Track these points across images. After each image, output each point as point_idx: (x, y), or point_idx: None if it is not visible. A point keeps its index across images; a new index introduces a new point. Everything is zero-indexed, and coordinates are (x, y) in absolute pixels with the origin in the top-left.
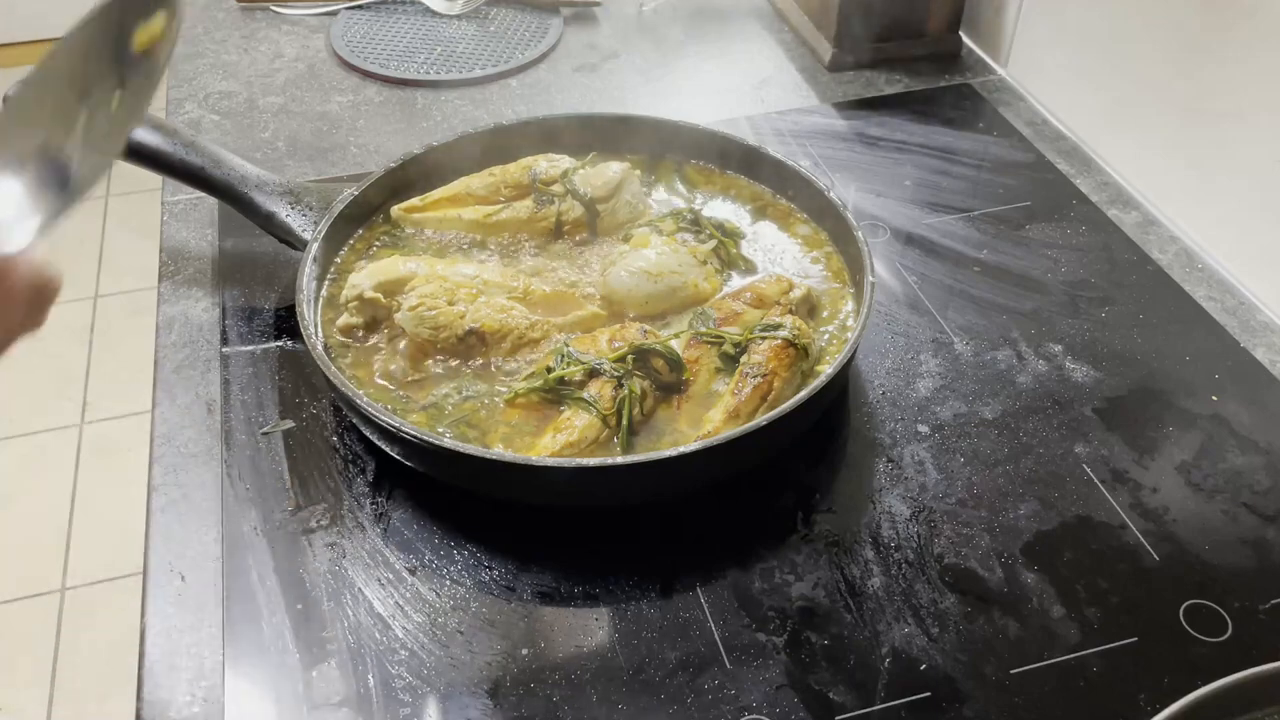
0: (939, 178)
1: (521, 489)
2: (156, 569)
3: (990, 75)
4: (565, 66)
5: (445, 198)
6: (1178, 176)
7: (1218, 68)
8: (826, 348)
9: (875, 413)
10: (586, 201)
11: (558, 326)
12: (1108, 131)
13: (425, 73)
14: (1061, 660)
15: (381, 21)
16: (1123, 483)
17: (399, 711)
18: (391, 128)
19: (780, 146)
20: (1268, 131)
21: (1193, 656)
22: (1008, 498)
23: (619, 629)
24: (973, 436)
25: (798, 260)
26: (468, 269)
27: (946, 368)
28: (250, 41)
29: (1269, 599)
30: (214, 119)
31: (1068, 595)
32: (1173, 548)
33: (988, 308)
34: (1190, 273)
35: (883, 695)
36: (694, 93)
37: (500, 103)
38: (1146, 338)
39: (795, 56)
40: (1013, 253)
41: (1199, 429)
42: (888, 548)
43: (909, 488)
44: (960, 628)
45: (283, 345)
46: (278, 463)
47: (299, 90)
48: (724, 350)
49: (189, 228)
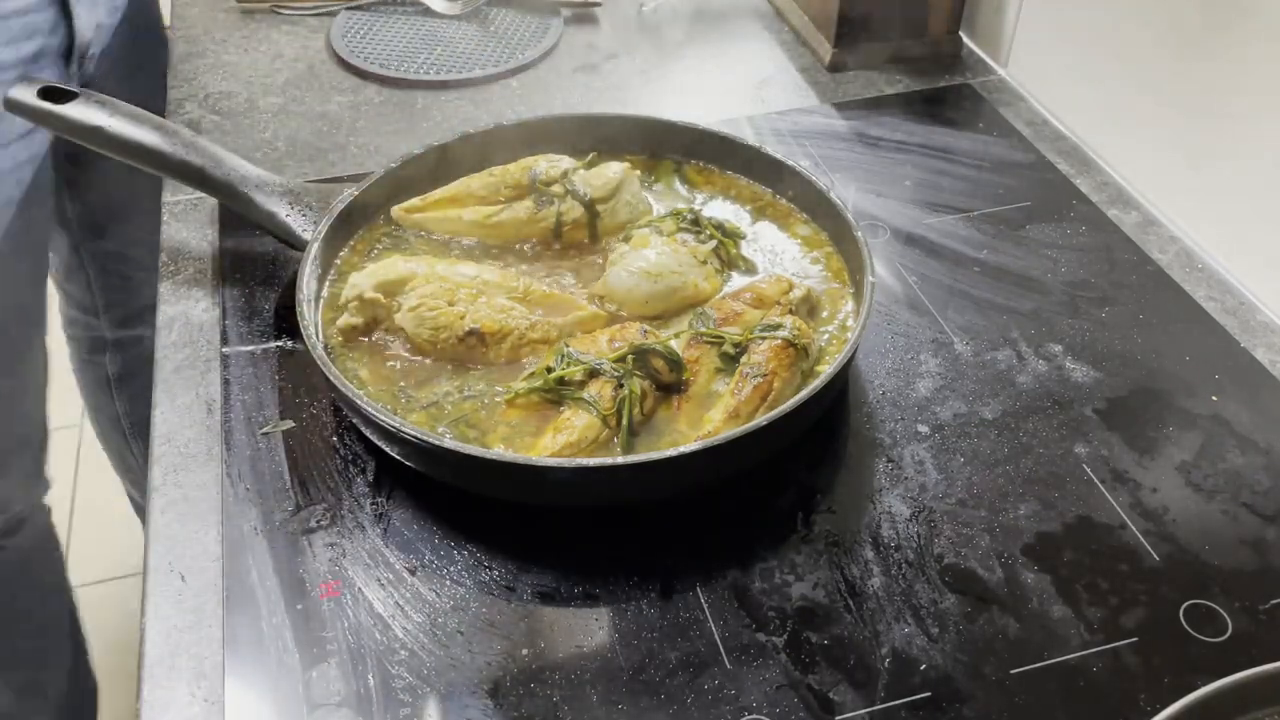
0: (939, 178)
1: (522, 489)
2: (156, 569)
3: (990, 75)
4: (565, 66)
5: (445, 198)
6: (1178, 176)
7: (1218, 67)
8: (826, 348)
9: (875, 413)
10: (586, 202)
11: (558, 327)
12: (1108, 131)
13: (425, 73)
14: (1061, 660)
15: (381, 22)
16: (1123, 483)
17: (399, 711)
18: (391, 128)
19: (780, 146)
20: (1268, 131)
21: (1193, 656)
22: (1008, 498)
23: (619, 629)
24: (973, 436)
25: (798, 260)
26: (468, 269)
27: (946, 368)
28: (250, 42)
29: (1269, 599)
30: (214, 119)
31: (1068, 595)
32: (1173, 548)
33: (988, 308)
34: (1190, 273)
35: (883, 695)
36: (694, 93)
37: (500, 103)
38: (1146, 338)
39: (795, 56)
40: (1013, 253)
41: (1199, 429)
42: (888, 548)
43: (909, 488)
44: (960, 628)
45: (283, 345)
46: (278, 463)
47: (299, 90)
48: (724, 350)
49: (189, 228)
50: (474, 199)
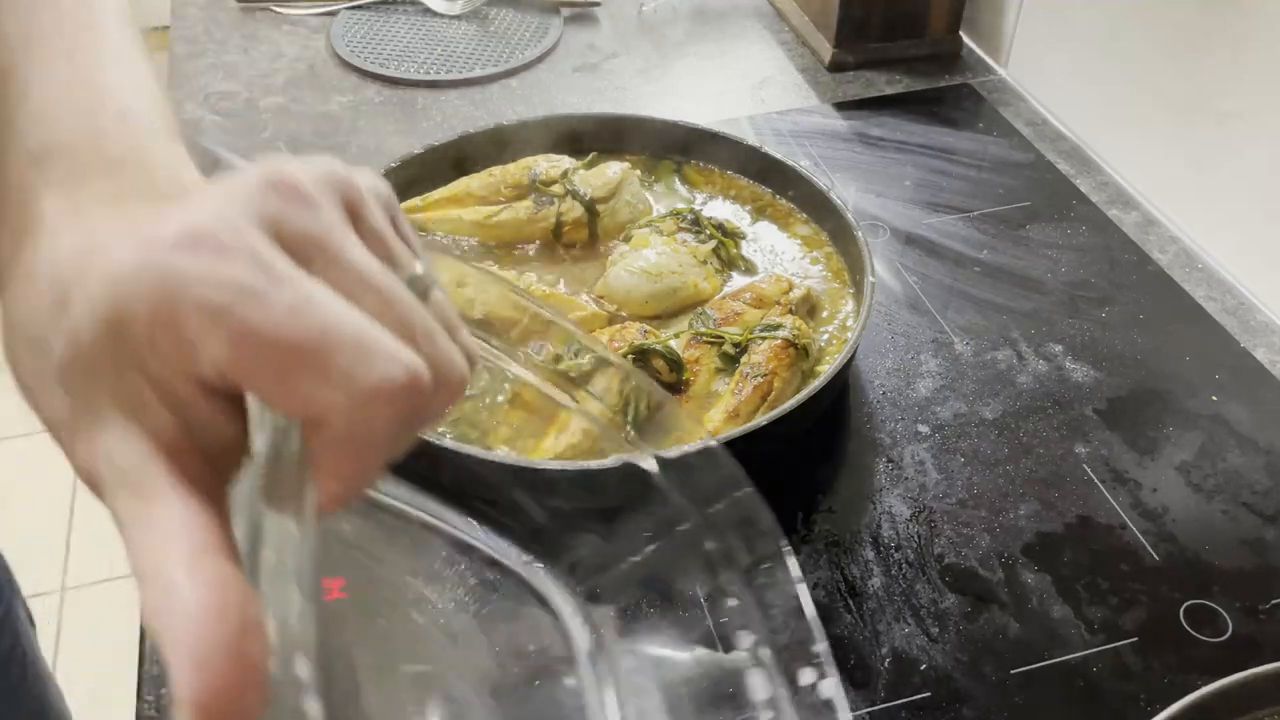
0: (939, 178)
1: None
2: None
3: (990, 75)
4: (565, 66)
5: (445, 198)
6: (1178, 176)
7: (1219, 67)
8: (826, 348)
9: (875, 413)
10: (586, 202)
11: None
12: (1108, 131)
13: (425, 73)
14: (1062, 660)
15: (381, 21)
16: (1123, 483)
17: None
18: (391, 128)
19: (780, 146)
20: (1269, 131)
21: (1193, 656)
22: (1008, 498)
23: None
24: (973, 436)
25: (798, 260)
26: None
27: (947, 368)
28: (250, 41)
29: (1269, 599)
30: (214, 119)
31: (1068, 595)
32: (1173, 548)
33: (988, 308)
34: (1190, 273)
35: (883, 695)
36: (694, 93)
37: (500, 103)
38: (1146, 338)
39: (795, 56)
40: (1013, 253)
41: (1199, 429)
42: (888, 548)
43: (909, 488)
44: (960, 628)
45: None
46: None
47: (299, 90)
48: (724, 350)
49: None
50: (474, 199)
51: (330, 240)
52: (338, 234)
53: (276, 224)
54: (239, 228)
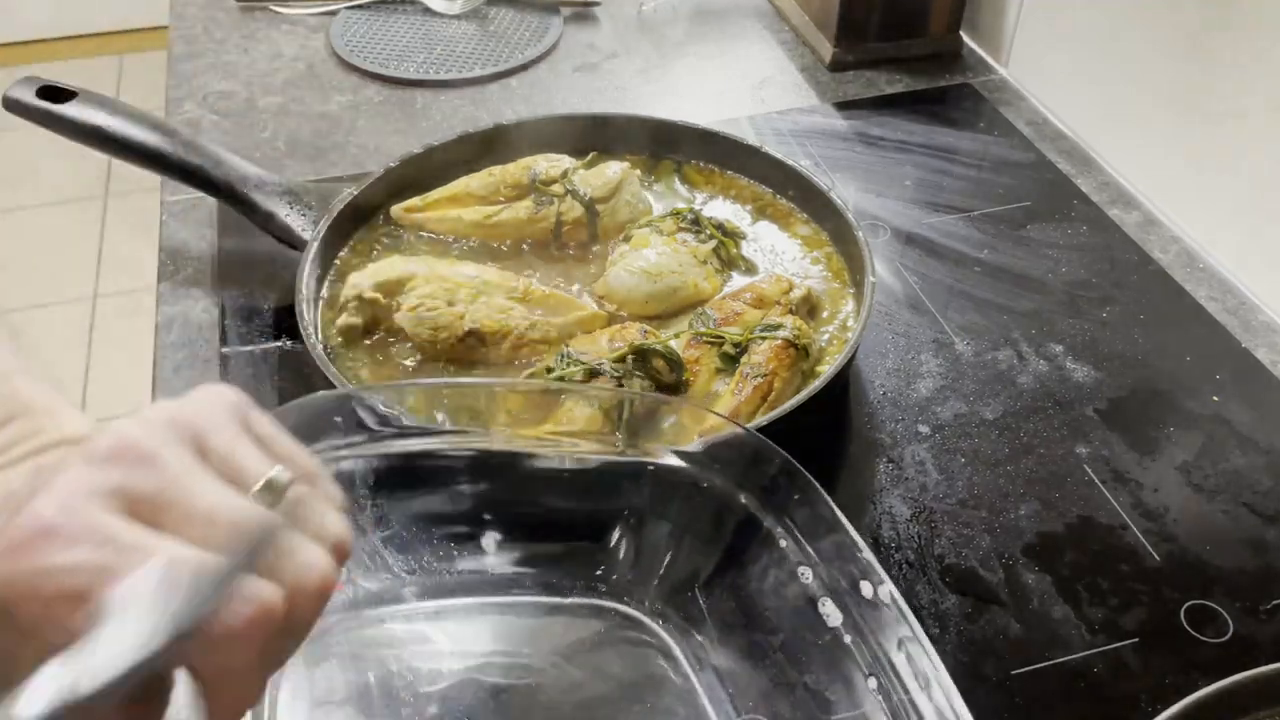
0: (939, 178)
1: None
2: None
3: (990, 75)
4: (565, 66)
5: (445, 198)
6: (1179, 176)
7: (1219, 67)
8: (827, 348)
9: (875, 413)
10: (586, 202)
11: (557, 327)
12: (1108, 131)
13: (425, 73)
14: (1062, 661)
15: (381, 21)
16: (1124, 483)
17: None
18: (391, 128)
19: (780, 146)
20: (1269, 131)
21: (1194, 657)
22: (1008, 498)
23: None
24: (973, 437)
25: (798, 260)
26: (468, 269)
27: (947, 368)
28: (250, 41)
29: (1270, 599)
30: (213, 119)
31: (1069, 596)
32: (1174, 548)
33: (988, 308)
34: (1191, 273)
35: None
36: (694, 93)
37: (500, 103)
38: (1147, 338)
39: (795, 56)
40: (1013, 253)
41: (1200, 429)
42: (888, 548)
43: (909, 488)
44: (960, 628)
45: (283, 345)
46: None
47: (299, 90)
48: (724, 350)
49: (188, 228)
50: (474, 199)
51: (175, 492)
52: (183, 482)
53: (122, 492)
54: (80, 512)
